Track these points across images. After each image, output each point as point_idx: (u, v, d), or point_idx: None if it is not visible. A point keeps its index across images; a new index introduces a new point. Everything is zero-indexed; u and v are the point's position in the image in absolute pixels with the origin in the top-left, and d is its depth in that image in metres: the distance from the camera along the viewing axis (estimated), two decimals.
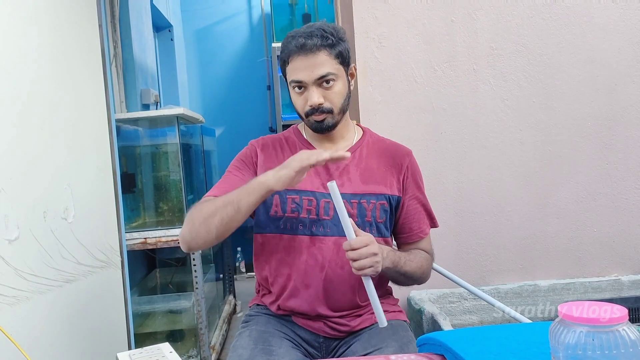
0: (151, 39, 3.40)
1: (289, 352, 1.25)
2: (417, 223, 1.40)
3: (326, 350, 1.34)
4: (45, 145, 1.44)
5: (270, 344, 1.26)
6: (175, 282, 2.86)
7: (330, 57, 1.25)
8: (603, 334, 0.64)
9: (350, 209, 1.29)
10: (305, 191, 1.30)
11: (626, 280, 2.35)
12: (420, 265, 1.34)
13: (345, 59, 1.29)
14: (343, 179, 1.31)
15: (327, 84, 1.25)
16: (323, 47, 1.24)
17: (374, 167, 1.34)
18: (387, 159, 1.37)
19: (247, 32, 4.69)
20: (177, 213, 2.46)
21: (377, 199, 1.31)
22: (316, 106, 1.26)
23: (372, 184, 1.32)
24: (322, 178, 1.31)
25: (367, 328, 1.34)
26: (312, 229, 1.29)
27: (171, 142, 2.47)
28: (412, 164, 1.40)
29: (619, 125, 2.35)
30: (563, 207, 2.36)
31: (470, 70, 2.29)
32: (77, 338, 1.55)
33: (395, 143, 1.45)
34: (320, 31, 1.24)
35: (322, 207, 1.29)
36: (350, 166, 1.33)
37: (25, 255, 1.29)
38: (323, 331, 1.32)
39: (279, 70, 4.11)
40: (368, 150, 1.37)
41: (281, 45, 1.31)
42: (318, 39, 1.23)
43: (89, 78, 1.81)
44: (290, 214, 1.29)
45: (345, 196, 1.27)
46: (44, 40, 1.48)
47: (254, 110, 4.65)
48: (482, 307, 2.27)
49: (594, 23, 2.31)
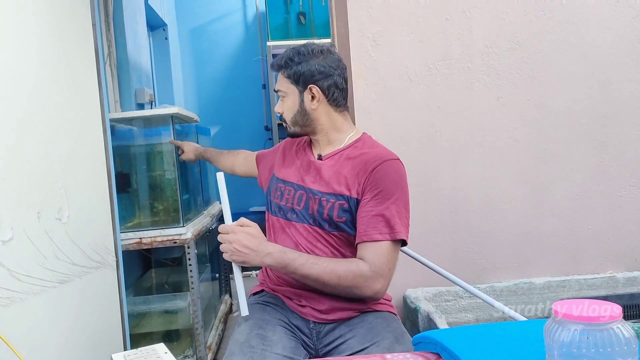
0: (145, 38, 3.39)
1: (282, 339, 1.32)
2: (365, 226, 1.34)
3: (317, 335, 1.40)
4: (39, 145, 1.43)
5: (265, 330, 1.34)
6: (171, 282, 2.85)
7: (283, 75, 1.49)
8: (597, 332, 0.64)
9: (314, 203, 1.42)
10: (289, 182, 1.50)
11: (621, 277, 2.36)
12: (332, 270, 1.29)
13: (298, 80, 1.46)
14: (315, 176, 1.46)
15: (281, 97, 1.51)
16: (280, 68, 1.49)
17: (345, 171, 1.43)
18: (360, 164, 1.41)
19: (242, 31, 4.68)
20: (172, 213, 2.45)
21: (337, 199, 1.40)
22: (277, 113, 1.56)
23: (335, 185, 1.42)
24: (301, 173, 1.49)
25: (359, 320, 1.39)
26: (287, 215, 1.46)
27: (166, 141, 2.46)
28: (381, 168, 1.37)
29: (614, 122, 2.36)
30: (558, 204, 2.37)
31: (465, 68, 2.30)
32: (71, 339, 1.54)
33: (381, 151, 1.44)
34: (287, 54, 1.48)
35: (296, 197, 1.46)
36: (323, 166, 1.46)
37: (19, 256, 1.28)
38: (311, 315, 1.40)
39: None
40: (347, 157, 1.46)
41: None
42: (279, 61, 1.49)
43: (83, 77, 1.80)
44: (275, 199, 1.51)
45: (312, 191, 1.44)
46: (37, 39, 1.47)
47: (249, 109, 4.64)
48: (477, 305, 2.28)
49: (588, 20, 2.32)
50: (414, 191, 1.43)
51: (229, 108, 4.63)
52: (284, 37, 4.06)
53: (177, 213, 2.43)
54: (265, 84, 4.56)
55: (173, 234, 2.32)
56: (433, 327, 1.88)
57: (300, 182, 1.47)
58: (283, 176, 1.53)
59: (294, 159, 1.55)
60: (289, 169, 1.53)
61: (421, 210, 2.28)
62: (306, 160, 1.52)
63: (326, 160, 1.48)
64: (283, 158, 1.59)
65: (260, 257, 1.30)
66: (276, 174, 1.56)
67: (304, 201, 1.44)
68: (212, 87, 4.65)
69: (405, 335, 1.31)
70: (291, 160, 1.56)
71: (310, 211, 1.42)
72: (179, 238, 2.30)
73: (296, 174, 1.50)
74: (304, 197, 1.44)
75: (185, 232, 2.34)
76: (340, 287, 1.31)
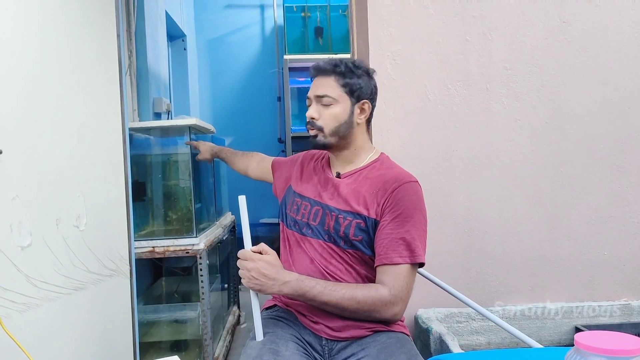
0: (165, 48, 3.43)
1: (294, 355, 1.30)
2: (385, 248, 1.35)
3: (329, 353, 1.39)
4: (60, 152, 1.45)
5: (277, 345, 1.33)
6: (181, 291, 2.85)
7: (336, 82, 1.44)
8: None
9: (330, 220, 1.42)
10: (307, 197, 1.50)
11: (636, 305, 2.33)
12: (352, 297, 1.30)
13: (353, 91, 1.45)
14: (334, 194, 1.46)
15: (324, 103, 1.44)
16: (333, 73, 1.45)
17: (363, 189, 1.43)
18: (379, 185, 1.42)
19: (259, 44, 4.72)
20: (185, 222, 2.46)
21: (354, 217, 1.40)
22: (309, 119, 1.46)
23: (353, 203, 1.42)
24: (318, 189, 1.50)
25: (372, 339, 1.37)
26: (302, 230, 1.47)
27: (182, 151, 2.48)
28: (400, 190, 1.38)
29: (631, 148, 2.34)
30: (574, 229, 2.35)
31: (484, 90, 2.30)
32: (83, 346, 1.55)
33: (400, 172, 1.46)
34: (339, 61, 1.46)
35: (312, 213, 1.46)
36: (341, 184, 1.47)
37: (37, 262, 1.29)
38: (324, 332, 1.39)
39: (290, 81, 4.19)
40: (365, 176, 1.47)
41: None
42: (332, 66, 1.45)
43: (105, 87, 1.83)
44: (291, 213, 1.51)
45: (329, 208, 1.44)
46: (63, 49, 1.50)
47: (263, 121, 4.66)
48: (490, 328, 2.26)
49: (608, 46, 2.32)
50: (429, 211, 1.43)
51: (244, 119, 4.65)
52: (301, 51, 4.09)
53: (190, 223, 2.43)
54: (280, 96, 4.58)
55: (186, 244, 2.32)
56: (445, 348, 1.87)
57: (317, 197, 1.48)
58: (300, 190, 1.53)
59: (312, 175, 1.56)
60: (307, 184, 1.54)
61: (435, 230, 2.27)
62: (324, 177, 1.52)
63: (344, 178, 1.49)
64: (301, 172, 1.60)
65: (277, 285, 1.30)
66: (293, 187, 1.56)
67: (320, 217, 1.44)
68: (228, 98, 4.68)
69: (419, 358, 1.29)
70: (309, 175, 1.56)
71: (325, 227, 1.43)
72: (192, 248, 2.31)
73: (313, 190, 1.50)
74: (320, 213, 1.45)
75: (198, 242, 2.34)
76: (359, 312, 1.32)
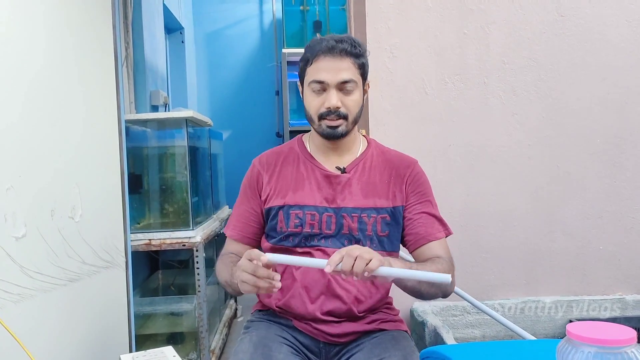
0: (162, 41, 3.42)
1: (288, 358, 1.25)
2: (424, 227, 1.34)
3: (326, 356, 1.34)
4: (55, 144, 1.44)
5: (270, 349, 1.27)
6: (177, 284, 2.86)
7: (354, 65, 1.28)
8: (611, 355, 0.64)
9: (351, 222, 1.31)
10: (308, 206, 1.32)
11: (630, 299, 2.34)
12: (439, 270, 1.21)
13: (365, 72, 1.33)
14: (345, 193, 1.33)
15: (348, 89, 1.28)
16: (351, 55, 1.27)
17: (376, 180, 1.35)
18: (390, 169, 1.37)
19: (258, 37, 4.70)
20: (182, 215, 2.46)
21: (378, 213, 1.32)
22: (334, 109, 1.28)
23: (373, 198, 1.33)
24: (323, 192, 1.34)
25: (369, 337, 1.34)
26: (314, 242, 1.32)
27: (179, 144, 2.47)
28: (415, 173, 1.38)
29: (628, 143, 2.34)
30: (569, 223, 2.35)
31: (481, 84, 2.29)
32: (79, 337, 1.55)
33: (399, 154, 1.44)
34: (349, 39, 1.29)
35: (324, 221, 1.31)
36: (352, 180, 1.34)
37: (32, 253, 1.29)
38: (323, 336, 1.33)
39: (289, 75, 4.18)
40: (372, 163, 1.38)
41: (305, 48, 1.33)
42: (348, 45, 1.27)
43: (101, 79, 1.82)
44: (294, 229, 1.32)
45: (346, 210, 1.31)
46: (57, 40, 1.49)
47: (261, 115, 4.65)
48: (485, 322, 2.26)
49: (606, 41, 2.31)
50: None
51: (241, 113, 4.64)
52: (299, 45, 4.07)
53: (187, 216, 2.43)
54: (278, 90, 4.58)
55: (182, 236, 2.32)
56: (440, 341, 1.87)
57: (325, 203, 1.32)
58: (296, 201, 1.33)
59: (302, 178, 1.36)
60: (301, 191, 1.34)
61: None
62: (322, 175, 1.35)
63: (351, 172, 1.36)
64: (277, 181, 1.37)
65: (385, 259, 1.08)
66: (279, 203, 1.34)
67: (335, 223, 1.31)
68: (226, 91, 4.67)
69: (415, 354, 1.26)
70: (297, 179, 1.36)
71: (346, 231, 1.31)
72: (188, 241, 2.31)
73: (315, 195, 1.33)
74: (334, 219, 1.31)
75: (195, 235, 2.34)
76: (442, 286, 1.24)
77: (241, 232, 1.40)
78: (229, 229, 1.42)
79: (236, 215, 1.43)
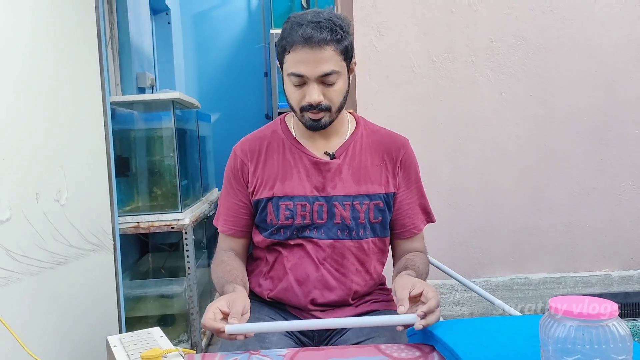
0: (148, 22, 3.37)
1: (282, 340, 1.25)
2: (410, 219, 1.34)
3: (319, 339, 1.34)
4: (38, 126, 1.43)
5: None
6: (167, 266, 2.86)
7: (336, 53, 1.18)
8: (593, 329, 0.64)
9: (343, 211, 1.27)
10: (298, 197, 1.27)
11: (616, 275, 2.37)
12: (426, 271, 1.32)
13: (349, 54, 1.23)
14: (335, 180, 1.28)
15: (330, 82, 1.19)
16: (331, 42, 1.16)
17: (368, 163, 1.30)
18: (382, 152, 1.32)
19: (245, 18, 4.64)
20: (170, 198, 2.45)
21: (371, 200, 1.28)
22: (315, 104, 1.20)
23: (365, 184, 1.28)
24: (313, 181, 1.28)
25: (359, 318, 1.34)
26: (306, 233, 1.28)
27: (166, 126, 2.45)
28: (407, 156, 1.35)
29: (615, 121, 2.35)
30: (556, 201, 2.37)
31: (469, 62, 2.29)
32: (67, 320, 1.54)
33: (391, 133, 1.39)
34: (329, 23, 1.16)
35: (315, 211, 1.27)
36: (342, 165, 1.29)
37: (17, 237, 1.28)
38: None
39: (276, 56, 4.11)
40: (362, 145, 1.32)
41: (283, 29, 1.22)
42: (327, 32, 1.15)
43: (85, 59, 1.79)
44: (285, 221, 1.27)
45: (338, 198, 1.26)
46: (39, 19, 1.46)
47: (250, 97, 4.62)
48: (472, 299, 2.29)
49: (594, 18, 2.31)
50: None
51: (230, 95, 4.60)
52: None
53: (175, 198, 2.42)
54: (267, 72, 4.53)
55: (171, 219, 2.32)
56: None
57: (315, 192, 1.27)
58: (285, 192, 1.27)
59: (289, 167, 1.30)
60: (290, 180, 1.28)
61: None
62: (310, 162, 1.29)
63: (340, 157, 1.30)
64: (264, 170, 1.31)
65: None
66: (267, 195, 1.29)
67: (327, 212, 1.27)
68: (214, 73, 4.62)
69: (403, 334, 1.27)
70: (284, 168, 1.30)
71: (338, 220, 1.27)
72: (177, 223, 2.31)
73: (304, 184, 1.28)
74: (325, 208, 1.27)
75: (183, 217, 2.34)
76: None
77: (234, 227, 1.35)
78: (220, 223, 1.37)
79: (225, 209, 1.37)
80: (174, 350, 0.89)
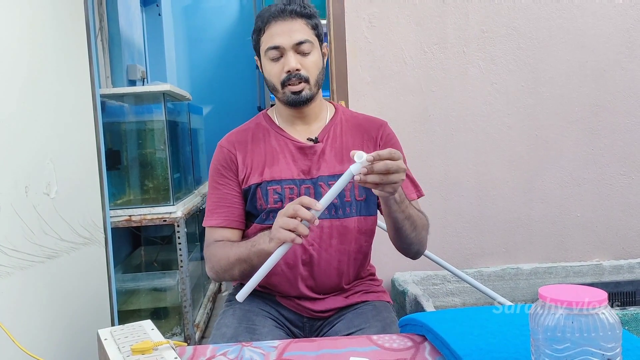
0: (138, 14, 3.34)
1: (272, 332, 1.26)
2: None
3: (310, 329, 1.35)
4: (27, 119, 1.41)
5: (254, 322, 1.27)
6: (160, 260, 2.85)
7: (307, 25, 1.28)
8: (582, 317, 0.65)
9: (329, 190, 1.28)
10: (286, 180, 1.30)
11: (607, 265, 2.38)
12: (419, 215, 1.27)
13: (319, 34, 1.31)
14: (320, 162, 1.31)
15: (305, 51, 1.27)
16: (301, 16, 1.27)
17: (349, 144, 1.34)
18: (362, 133, 1.36)
19: (237, 9, 4.61)
20: (162, 191, 2.44)
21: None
22: (293, 71, 1.26)
23: (349, 162, 1.27)
24: (299, 164, 1.31)
25: (351, 309, 1.35)
26: None
27: (157, 119, 2.44)
28: (385, 134, 1.38)
29: (606, 111, 2.36)
30: (548, 191, 2.38)
31: (460, 53, 2.28)
32: (59, 314, 1.54)
33: (368, 116, 1.43)
34: (298, 4, 1.28)
35: (302, 193, 1.28)
36: (325, 147, 1.33)
37: (7, 230, 1.27)
38: (307, 312, 1.33)
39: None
40: (342, 128, 1.36)
41: (257, 17, 1.31)
42: (297, 6, 1.27)
43: (74, 52, 1.78)
44: (274, 205, 1.29)
45: (322, 178, 1.29)
46: (25, 11, 1.45)
47: (242, 89, 4.60)
48: (464, 290, 2.30)
49: (584, 8, 2.31)
50: None
51: (222, 87, 4.58)
52: None
53: (167, 191, 2.42)
54: None
55: (163, 212, 2.31)
56: (420, 310, 1.90)
57: (301, 175, 1.30)
58: (273, 176, 1.30)
59: (275, 152, 1.33)
60: (276, 166, 1.31)
61: None
62: (295, 147, 1.33)
63: (323, 140, 1.34)
64: (252, 158, 1.34)
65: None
66: (257, 181, 1.31)
67: (313, 194, 1.28)
68: (205, 65, 4.59)
69: (394, 325, 1.27)
70: (271, 154, 1.33)
71: None
72: (169, 216, 2.30)
73: (291, 168, 1.31)
74: (312, 190, 1.29)
75: (175, 210, 2.33)
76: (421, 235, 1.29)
77: (228, 217, 1.33)
78: (211, 218, 1.34)
79: (215, 202, 1.35)
80: (164, 342, 0.89)
